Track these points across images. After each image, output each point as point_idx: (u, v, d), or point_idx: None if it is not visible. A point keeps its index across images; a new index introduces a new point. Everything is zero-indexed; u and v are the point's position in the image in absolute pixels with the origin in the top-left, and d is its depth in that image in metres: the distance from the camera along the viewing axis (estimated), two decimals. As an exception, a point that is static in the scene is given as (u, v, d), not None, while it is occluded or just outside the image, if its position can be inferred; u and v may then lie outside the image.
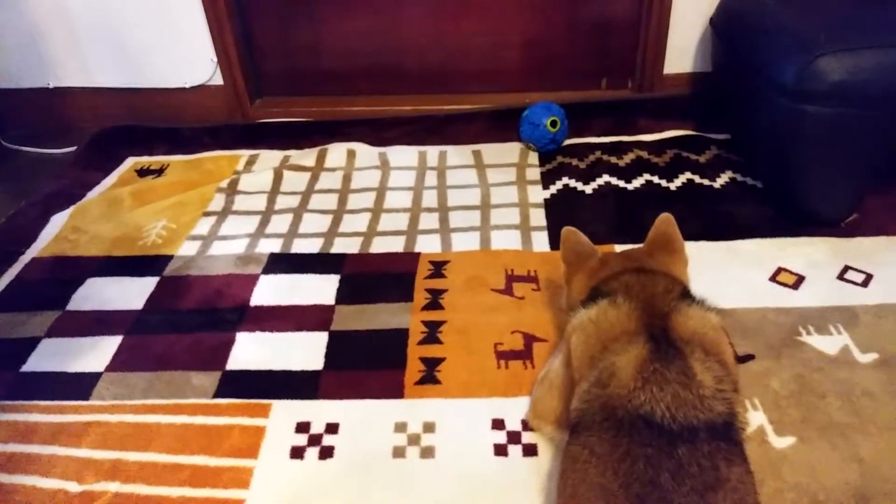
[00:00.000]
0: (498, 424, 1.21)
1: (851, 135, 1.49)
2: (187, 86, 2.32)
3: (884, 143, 1.51)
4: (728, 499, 0.78)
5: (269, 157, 2.10)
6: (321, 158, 2.06)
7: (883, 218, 1.64)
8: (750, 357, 1.29)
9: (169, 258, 1.69)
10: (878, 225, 1.62)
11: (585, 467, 0.86)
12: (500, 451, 1.16)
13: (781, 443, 1.14)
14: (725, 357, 0.95)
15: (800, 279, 1.48)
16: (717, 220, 1.68)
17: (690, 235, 1.61)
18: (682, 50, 2.20)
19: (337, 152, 2.08)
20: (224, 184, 1.97)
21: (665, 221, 1.19)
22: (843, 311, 1.39)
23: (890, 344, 1.30)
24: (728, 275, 1.50)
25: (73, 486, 1.15)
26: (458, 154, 2.06)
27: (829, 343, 1.32)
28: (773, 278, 1.48)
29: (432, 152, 2.08)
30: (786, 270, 1.50)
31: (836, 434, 1.15)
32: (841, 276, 1.48)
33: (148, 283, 1.60)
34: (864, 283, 1.45)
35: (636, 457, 0.81)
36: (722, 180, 1.84)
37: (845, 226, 1.62)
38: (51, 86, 2.35)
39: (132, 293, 1.58)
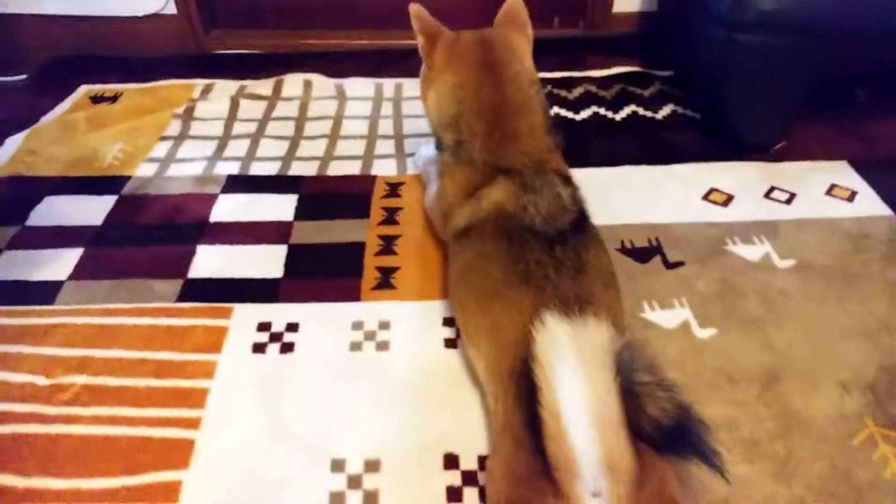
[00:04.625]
0: (449, 322, 1.29)
1: (778, 64, 1.60)
2: (140, 14, 2.29)
3: (809, 73, 1.62)
4: (591, 273, 1.05)
5: (226, 87, 2.11)
6: (278, 88, 2.09)
7: (809, 144, 1.76)
8: (680, 264, 1.40)
9: (126, 178, 1.71)
10: (804, 151, 1.74)
11: (485, 266, 1.10)
12: (451, 344, 1.25)
13: (703, 333, 1.25)
14: (564, 170, 1.25)
15: (729, 198, 1.59)
16: (656, 146, 1.78)
17: (631, 159, 1.73)
18: (631, -11, 2.28)
19: (294, 82, 2.11)
20: (180, 110, 1.98)
21: (513, 2, 1.39)
22: (766, 225, 1.51)
23: (806, 251, 1.43)
24: (663, 193, 1.61)
25: (41, 380, 1.20)
26: (414, 86, 2.07)
27: (752, 251, 1.44)
28: (704, 197, 1.59)
29: (388, 84, 2.12)
30: (717, 190, 1.61)
31: (753, 327, 1.27)
32: (767, 195, 1.60)
33: (106, 202, 1.63)
34: (788, 202, 1.58)
35: (528, 260, 1.04)
36: (664, 112, 1.94)
37: (774, 152, 1.74)
38: (-2, 12, 2.30)
39: (91, 210, 1.60)
